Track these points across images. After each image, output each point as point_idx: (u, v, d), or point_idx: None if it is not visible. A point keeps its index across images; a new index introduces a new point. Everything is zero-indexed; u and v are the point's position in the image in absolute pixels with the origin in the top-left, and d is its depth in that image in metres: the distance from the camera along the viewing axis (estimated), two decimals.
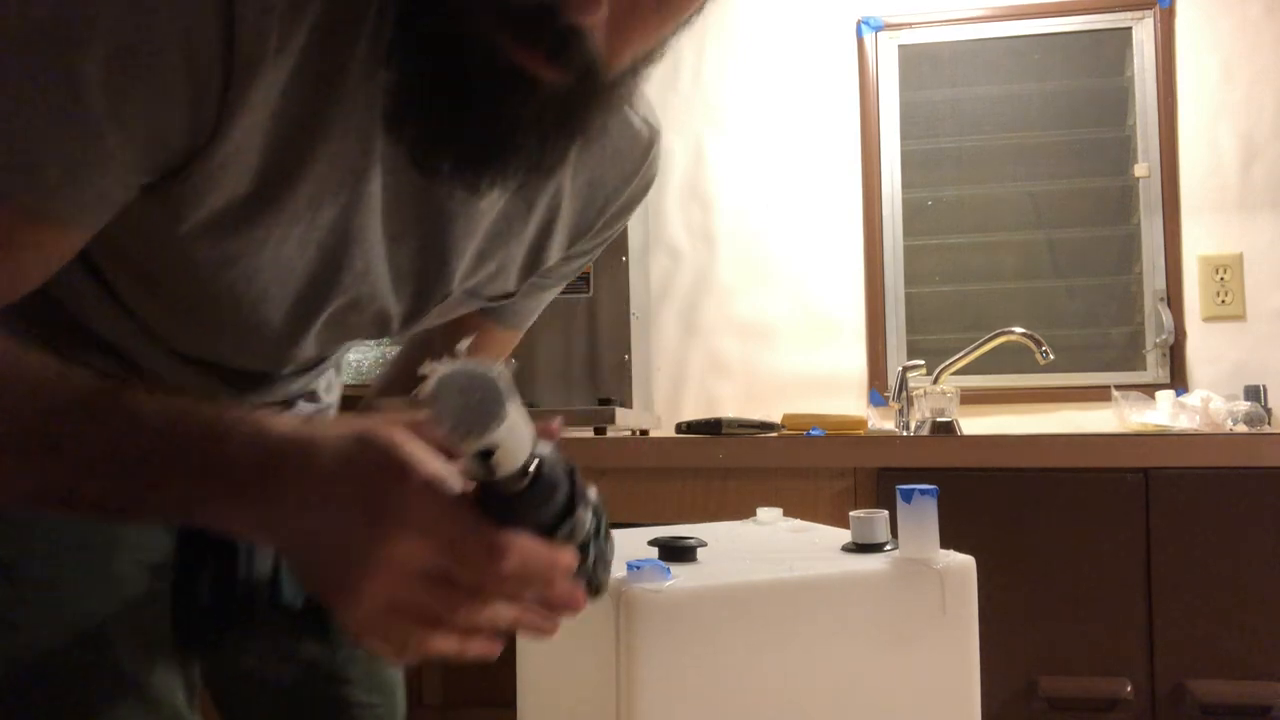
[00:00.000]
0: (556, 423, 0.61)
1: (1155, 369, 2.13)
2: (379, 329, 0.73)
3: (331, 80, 0.57)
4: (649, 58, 0.60)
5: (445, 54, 0.54)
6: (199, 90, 0.51)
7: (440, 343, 0.86)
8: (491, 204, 0.68)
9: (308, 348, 0.71)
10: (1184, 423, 1.88)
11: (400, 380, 0.94)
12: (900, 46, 2.27)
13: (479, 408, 0.42)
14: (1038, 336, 1.95)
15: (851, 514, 0.92)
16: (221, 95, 0.52)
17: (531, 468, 0.49)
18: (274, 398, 0.77)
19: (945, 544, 0.87)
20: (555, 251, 0.78)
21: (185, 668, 0.75)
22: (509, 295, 0.79)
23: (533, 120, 0.56)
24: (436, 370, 0.42)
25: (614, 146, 0.75)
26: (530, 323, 0.91)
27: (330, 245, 0.63)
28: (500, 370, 0.44)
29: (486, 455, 0.44)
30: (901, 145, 2.26)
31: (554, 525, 0.52)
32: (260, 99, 0.54)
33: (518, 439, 0.46)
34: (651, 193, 2.41)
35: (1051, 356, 1.94)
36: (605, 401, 1.78)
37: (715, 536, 0.97)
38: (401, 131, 0.58)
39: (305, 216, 0.60)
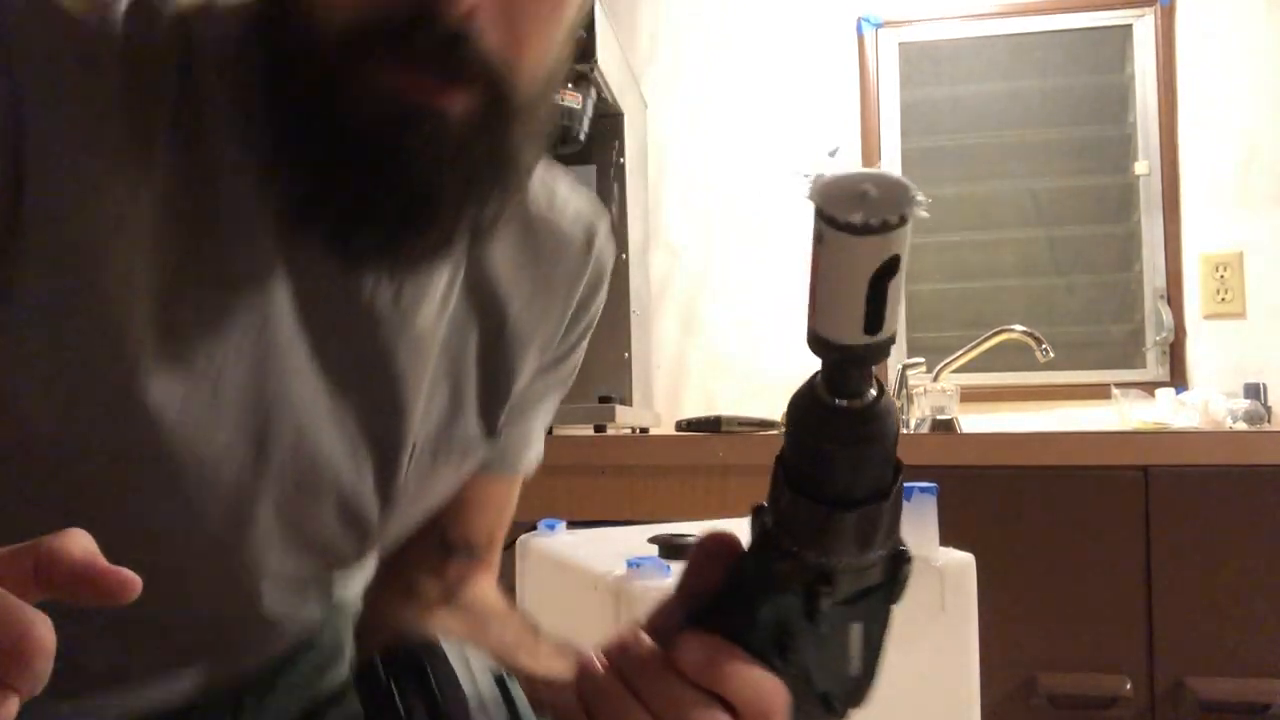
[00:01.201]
0: None
1: (1155, 366, 2.13)
2: (355, 529, 0.60)
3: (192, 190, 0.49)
4: (553, 72, 0.54)
5: (321, 118, 0.47)
6: None
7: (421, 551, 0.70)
8: (432, 319, 0.59)
9: (270, 561, 0.57)
10: (1184, 420, 1.89)
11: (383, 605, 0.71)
12: (900, 44, 2.27)
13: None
14: (1038, 334, 1.95)
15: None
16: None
17: None
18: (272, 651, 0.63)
19: (945, 541, 0.87)
20: (523, 369, 0.67)
21: None
22: (489, 435, 0.66)
23: (454, 160, 0.48)
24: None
25: (552, 241, 0.68)
26: (531, 458, 0.75)
27: (245, 414, 0.52)
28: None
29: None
30: (902, 143, 2.26)
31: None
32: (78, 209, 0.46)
33: None
34: (651, 190, 2.41)
35: (1051, 354, 1.94)
36: (605, 399, 1.78)
37: None
38: (306, 227, 0.50)
39: (202, 382, 0.50)
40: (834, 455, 0.38)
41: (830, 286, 0.35)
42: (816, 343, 0.36)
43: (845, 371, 0.37)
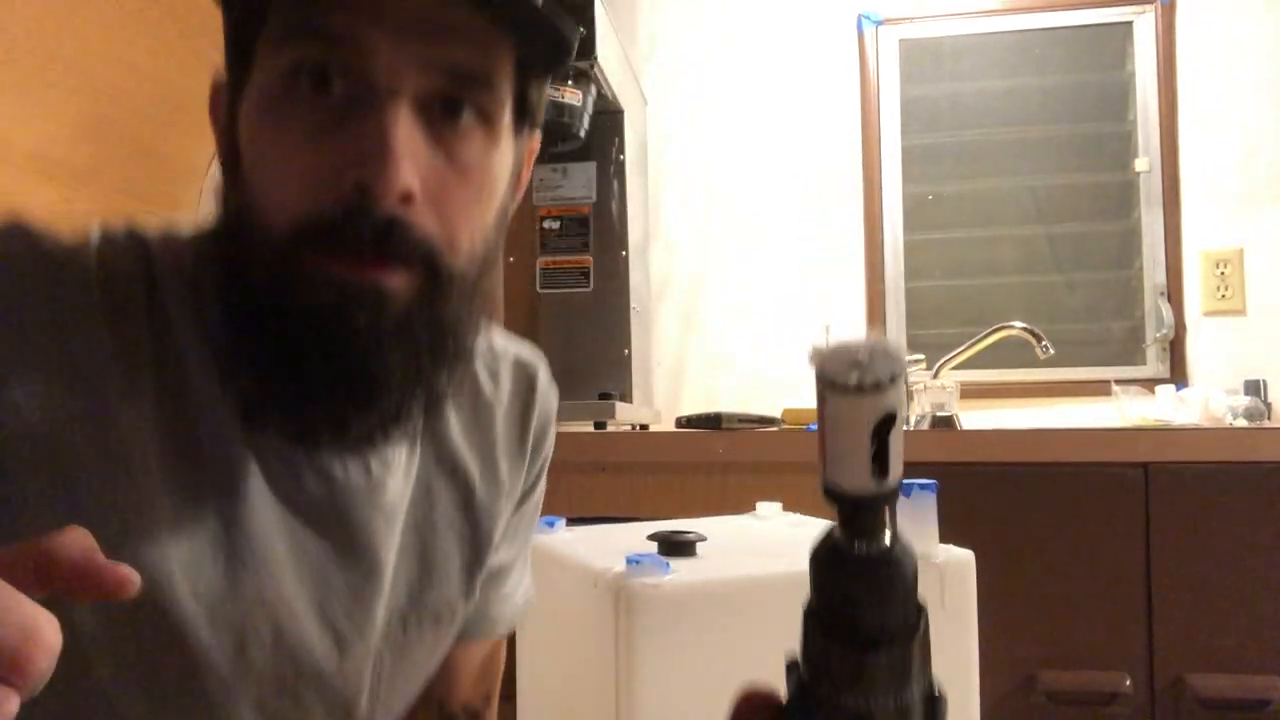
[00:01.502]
0: None
1: (1155, 363, 2.13)
2: (342, 717, 0.61)
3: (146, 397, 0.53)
4: (488, 251, 0.57)
5: (270, 312, 0.51)
6: None
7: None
8: (399, 491, 0.62)
9: None
10: (1184, 417, 1.88)
11: None
12: (900, 41, 2.27)
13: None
14: (1038, 331, 1.95)
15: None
16: None
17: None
18: None
19: (945, 539, 0.87)
20: (497, 529, 0.70)
21: None
22: (466, 597, 0.68)
23: (396, 335, 0.52)
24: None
25: (494, 397, 0.72)
26: (513, 615, 0.76)
27: (223, 614, 0.53)
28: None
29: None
30: (902, 140, 2.26)
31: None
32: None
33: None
34: (652, 187, 2.41)
35: (1052, 351, 1.94)
36: (605, 396, 1.78)
37: (715, 531, 0.97)
38: (264, 414, 0.54)
39: (182, 583, 0.52)
40: (861, 598, 0.41)
41: (838, 442, 0.39)
42: (831, 494, 0.40)
43: (861, 517, 0.40)
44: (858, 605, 0.41)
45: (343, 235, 0.50)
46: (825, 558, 0.41)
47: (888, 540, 0.40)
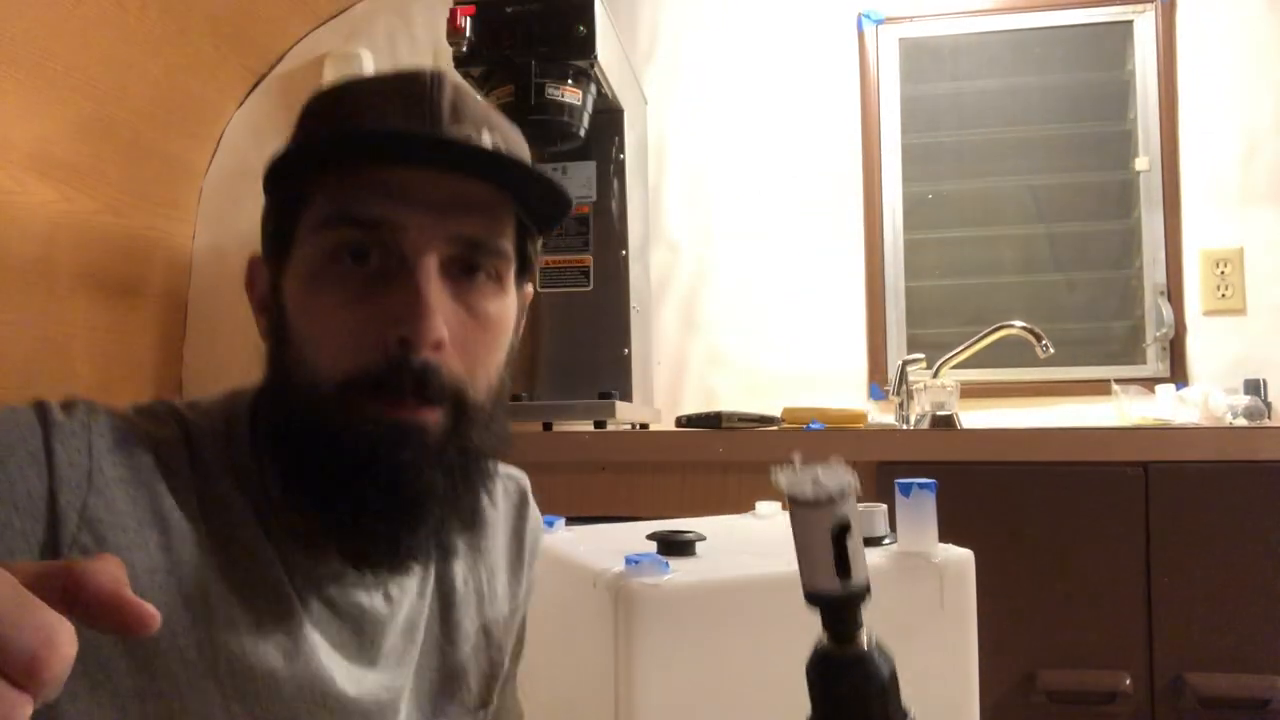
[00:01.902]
0: None
1: (1155, 363, 2.13)
2: None
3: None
4: (501, 388, 0.67)
5: (323, 454, 0.60)
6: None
7: None
8: (415, 606, 0.70)
9: None
10: (1184, 417, 1.88)
11: None
12: (901, 40, 2.27)
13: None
14: (1038, 330, 1.95)
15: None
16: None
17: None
18: None
19: (944, 538, 0.87)
20: (505, 636, 0.79)
21: None
22: (484, 706, 0.78)
23: (435, 464, 0.61)
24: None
25: (493, 515, 0.79)
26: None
27: None
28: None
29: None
30: (902, 139, 2.26)
31: None
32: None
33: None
34: (652, 186, 2.41)
35: (1051, 350, 1.94)
36: (605, 395, 1.78)
37: (714, 530, 0.97)
38: (329, 541, 0.62)
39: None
40: (843, 698, 0.46)
41: (806, 549, 0.45)
42: (809, 598, 0.45)
43: (836, 619, 0.46)
44: (839, 705, 0.46)
45: (388, 382, 0.59)
46: (811, 663, 0.46)
47: (865, 644, 0.46)
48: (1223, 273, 2.10)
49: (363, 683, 0.66)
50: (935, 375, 2.04)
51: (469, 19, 1.63)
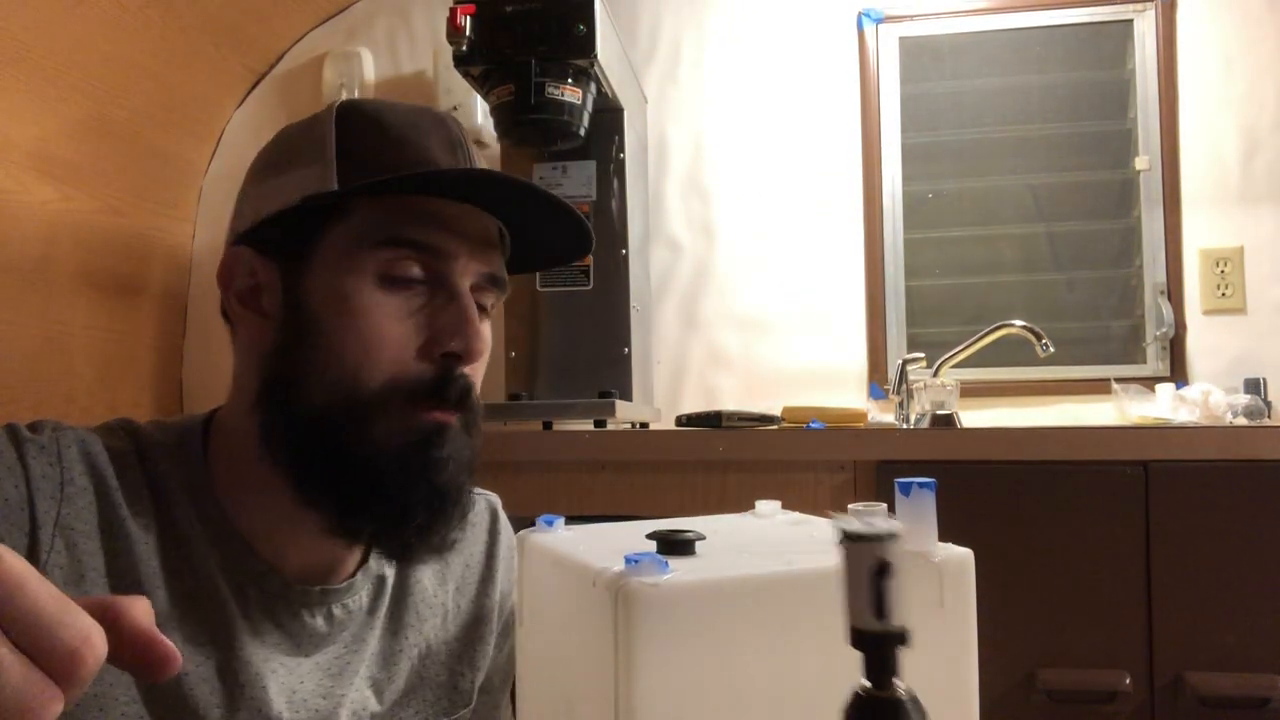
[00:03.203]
0: None
1: (1155, 362, 2.13)
2: None
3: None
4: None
5: (353, 452, 0.66)
6: None
7: None
8: (363, 625, 0.74)
9: None
10: (1184, 416, 1.88)
11: None
12: (901, 39, 2.27)
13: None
14: (1038, 329, 1.95)
15: (850, 507, 0.92)
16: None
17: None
18: None
19: (944, 537, 0.87)
20: (475, 644, 0.82)
21: None
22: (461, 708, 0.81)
23: (458, 460, 0.68)
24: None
25: (463, 532, 0.82)
26: None
27: None
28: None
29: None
30: (902, 138, 2.26)
31: None
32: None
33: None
34: (652, 185, 2.41)
35: (1051, 349, 1.93)
36: (605, 394, 1.78)
37: (714, 529, 0.97)
38: (353, 534, 0.69)
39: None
40: None
41: (850, 584, 0.49)
42: (852, 634, 0.49)
43: (873, 659, 0.50)
44: None
45: (438, 392, 0.67)
46: (849, 707, 0.50)
47: (901, 692, 0.50)
48: (1222, 272, 2.10)
49: (296, 693, 0.69)
50: (935, 374, 2.04)
51: (469, 18, 1.63)
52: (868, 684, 0.50)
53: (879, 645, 0.50)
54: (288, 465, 0.67)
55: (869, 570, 0.48)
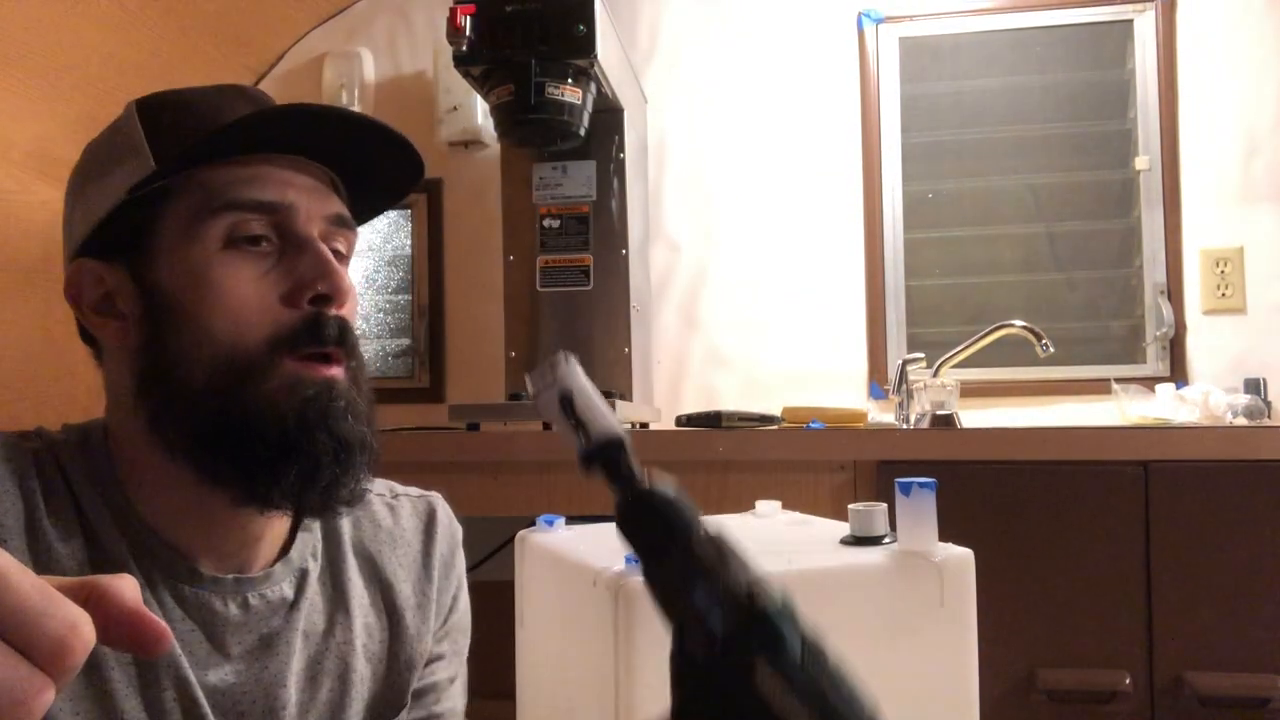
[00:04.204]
0: None
1: (1155, 362, 2.13)
2: None
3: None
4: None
5: (246, 414, 0.66)
6: None
7: None
8: (281, 619, 0.73)
9: None
10: (1184, 416, 1.88)
11: None
12: (901, 39, 2.27)
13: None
14: (1038, 329, 1.95)
15: (850, 507, 0.92)
16: None
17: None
18: None
19: (944, 537, 0.87)
20: (407, 642, 0.81)
21: None
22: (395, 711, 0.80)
23: (351, 414, 0.68)
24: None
25: (393, 528, 0.83)
26: None
27: None
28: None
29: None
30: (902, 138, 2.26)
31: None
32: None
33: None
34: (652, 185, 2.41)
35: (1052, 349, 1.94)
36: (605, 394, 1.77)
37: None
38: (262, 496, 0.67)
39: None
40: (625, 531, 0.54)
41: (559, 429, 0.53)
42: (580, 466, 0.54)
43: (605, 469, 0.54)
44: (629, 538, 0.52)
45: (314, 336, 0.67)
46: (616, 518, 0.53)
47: (647, 484, 0.54)
48: (1223, 272, 2.10)
49: (207, 679, 0.69)
50: (935, 374, 2.04)
51: (469, 18, 1.63)
52: (615, 494, 0.53)
53: (601, 458, 0.53)
54: (184, 450, 0.67)
55: (559, 407, 0.52)
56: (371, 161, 0.75)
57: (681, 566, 0.50)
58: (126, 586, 0.35)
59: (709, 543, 0.51)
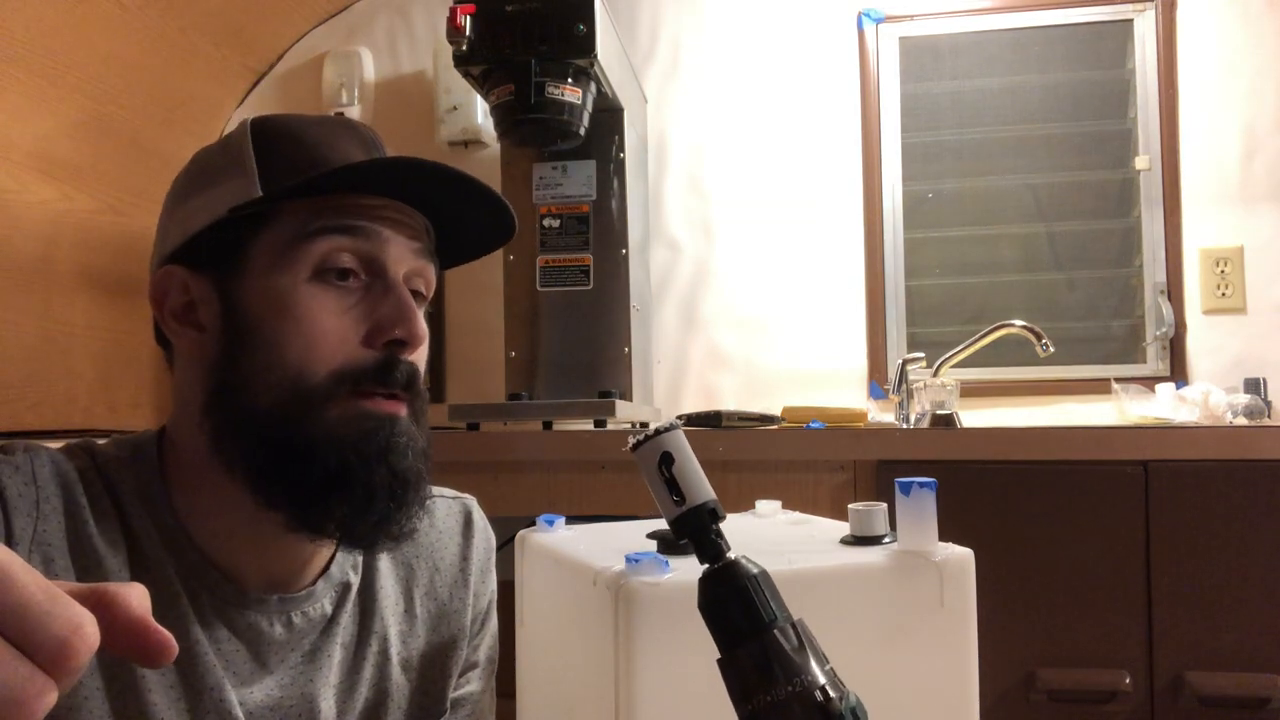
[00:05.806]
0: None
1: (1155, 362, 2.13)
2: None
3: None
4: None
5: (307, 444, 0.66)
6: None
7: None
8: (321, 633, 0.74)
9: None
10: (1184, 415, 1.88)
11: None
12: (901, 39, 2.27)
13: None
14: (1038, 329, 1.95)
15: (850, 507, 0.92)
16: None
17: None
18: None
19: (944, 537, 0.87)
20: (447, 651, 0.82)
21: None
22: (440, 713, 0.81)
23: (411, 449, 0.69)
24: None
25: (429, 534, 0.84)
26: None
27: None
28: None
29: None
30: (902, 138, 2.26)
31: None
32: None
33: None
34: (652, 185, 2.41)
35: (1052, 349, 1.93)
36: (605, 394, 1.78)
37: None
38: (315, 525, 0.68)
39: None
40: (708, 609, 0.53)
41: (650, 486, 0.53)
42: (672, 528, 0.53)
43: (694, 536, 0.52)
44: (708, 614, 0.52)
45: (383, 378, 0.68)
46: (700, 588, 0.52)
47: (732, 555, 0.52)
48: (1223, 272, 2.10)
49: (259, 701, 0.70)
50: (935, 374, 2.04)
51: (469, 18, 1.63)
52: (705, 564, 0.52)
53: (692, 524, 0.53)
54: (243, 470, 0.67)
55: (656, 465, 0.52)
56: (466, 216, 0.77)
57: (759, 654, 0.49)
58: (135, 595, 0.35)
59: (789, 631, 0.50)
